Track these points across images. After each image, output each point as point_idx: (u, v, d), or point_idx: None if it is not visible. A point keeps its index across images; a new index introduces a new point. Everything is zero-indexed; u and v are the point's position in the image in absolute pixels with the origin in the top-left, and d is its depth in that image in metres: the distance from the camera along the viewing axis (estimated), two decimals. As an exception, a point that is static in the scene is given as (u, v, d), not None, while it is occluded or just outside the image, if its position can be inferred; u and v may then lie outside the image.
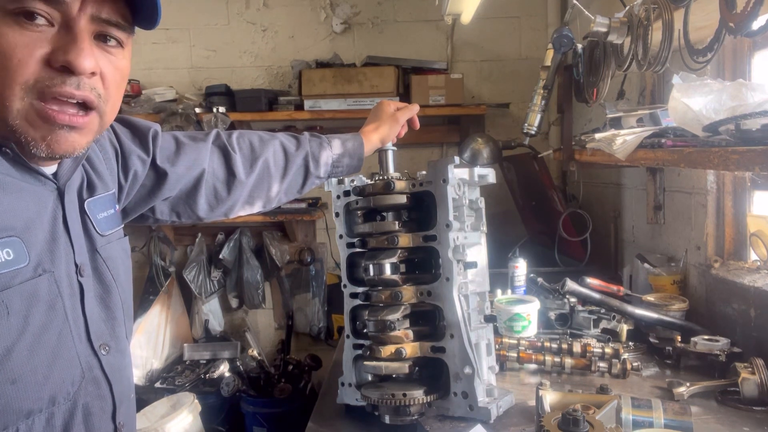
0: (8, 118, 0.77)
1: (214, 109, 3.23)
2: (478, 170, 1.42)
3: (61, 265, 0.86)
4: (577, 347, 1.62)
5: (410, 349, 1.31)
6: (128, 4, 0.84)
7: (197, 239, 3.59)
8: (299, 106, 3.32)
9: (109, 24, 0.82)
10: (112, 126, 1.13)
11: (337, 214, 1.45)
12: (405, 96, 3.32)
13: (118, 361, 0.96)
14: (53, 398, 0.82)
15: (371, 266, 1.34)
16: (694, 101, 1.31)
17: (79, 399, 0.86)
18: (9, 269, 0.78)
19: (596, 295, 1.85)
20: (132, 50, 0.92)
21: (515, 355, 1.64)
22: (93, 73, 0.81)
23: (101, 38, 0.83)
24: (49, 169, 0.89)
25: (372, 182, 1.40)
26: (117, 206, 1.08)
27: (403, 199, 1.36)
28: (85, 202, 0.97)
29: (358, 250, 1.42)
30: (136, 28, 0.90)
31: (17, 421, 0.78)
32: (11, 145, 0.80)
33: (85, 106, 0.81)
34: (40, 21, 0.76)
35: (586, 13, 1.75)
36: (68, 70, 0.78)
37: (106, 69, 0.84)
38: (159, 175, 1.20)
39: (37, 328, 0.80)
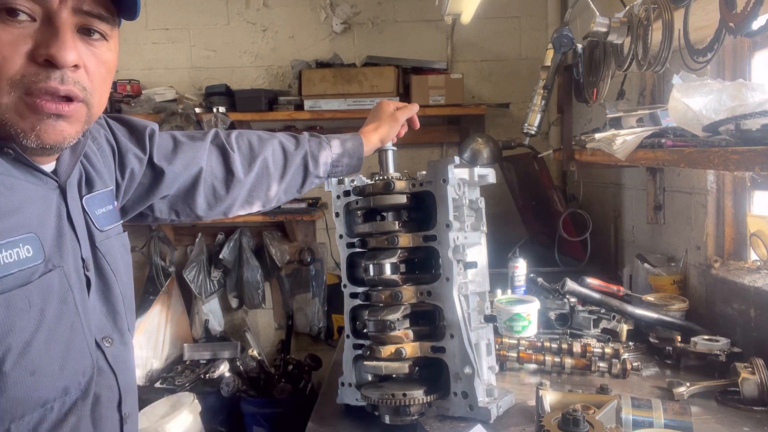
0: None
1: (214, 109, 3.23)
2: (478, 170, 1.42)
3: (69, 259, 0.88)
4: (577, 347, 1.62)
5: (410, 349, 1.31)
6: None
7: (197, 239, 3.59)
8: (299, 106, 3.32)
9: (91, 16, 0.83)
10: (108, 125, 1.15)
11: (337, 214, 1.45)
12: (405, 96, 3.32)
13: (122, 353, 0.98)
14: (66, 388, 0.85)
15: (371, 266, 1.34)
16: (694, 101, 1.31)
17: (90, 389, 0.89)
18: (30, 265, 0.80)
19: (596, 295, 1.85)
20: (132, 50, 0.93)
21: (515, 355, 1.64)
22: (76, 66, 0.82)
23: (85, 32, 0.83)
24: (49, 166, 0.91)
25: (372, 182, 1.40)
26: (115, 202, 1.09)
27: (403, 199, 1.36)
28: (84, 199, 0.98)
29: (358, 250, 1.42)
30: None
31: (33, 410, 0.80)
32: (12, 145, 0.82)
33: (69, 99, 0.82)
34: (22, 17, 0.77)
35: (592, 6, 1.75)
36: (51, 64, 0.79)
37: (90, 62, 0.84)
38: (156, 173, 1.20)
39: (52, 321, 0.83)
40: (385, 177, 1.41)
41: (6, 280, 0.77)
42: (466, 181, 1.39)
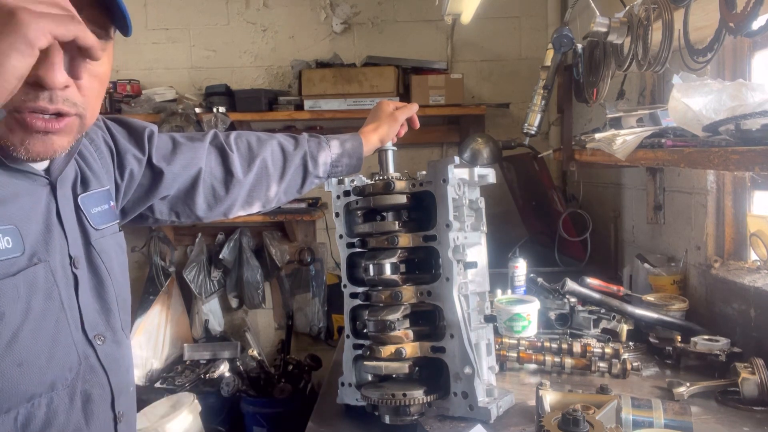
0: None
1: (214, 109, 3.23)
2: (478, 170, 1.42)
3: (55, 255, 0.89)
4: (577, 347, 1.62)
5: (410, 349, 1.31)
6: (105, 12, 0.85)
7: (197, 239, 3.59)
8: (299, 106, 3.32)
9: None
10: (107, 126, 1.15)
11: (337, 214, 1.45)
12: (405, 96, 3.32)
13: (114, 352, 0.98)
14: (53, 383, 0.85)
15: (371, 266, 1.34)
16: (694, 101, 1.31)
17: (77, 386, 0.89)
18: (7, 257, 0.81)
19: (596, 295, 1.85)
20: (132, 50, 0.93)
21: (515, 355, 1.64)
22: (67, 86, 0.81)
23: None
24: (41, 164, 0.91)
25: (372, 182, 1.40)
26: (112, 202, 1.09)
27: (403, 199, 1.36)
28: (79, 197, 0.99)
29: (358, 250, 1.42)
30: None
31: (19, 405, 0.81)
32: None
33: (59, 115, 0.82)
34: None
35: (592, 6, 1.75)
36: (40, 85, 0.78)
37: (83, 78, 0.83)
38: (155, 174, 1.21)
39: (38, 315, 0.83)
40: (385, 177, 1.41)
41: None
42: (466, 181, 1.39)
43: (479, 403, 1.28)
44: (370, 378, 1.41)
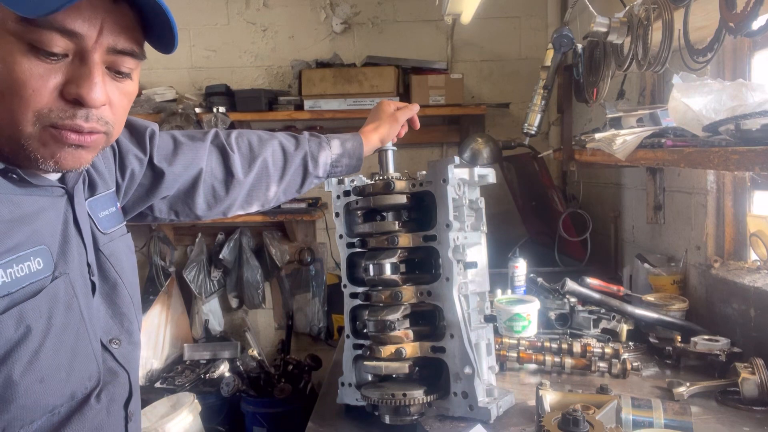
0: (20, 139, 0.79)
1: (214, 109, 3.23)
2: (478, 170, 1.42)
3: (74, 266, 0.88)
4: (577, 347, 1.62)
5: (410, 349, 1.31)
6: (144, 31, 0.84)
7: (197, 239, 3.59)
8: (299, 106, 3.32)
9: (124, 53, 0.82)
10: None
11: (337, 214, 1.45)
12: (405, 96, 3.32)
13: (131, 352, 0.99)
14: (73, 394, 0.85)
15: (371, 266, 1.34)
16: (694, 101, 1.31)
17: (93, 393, 0.89)
18: (40, 278, 0.80)
19: (596, 295, 1.85)
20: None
21: (515, 355, 1.64)
22: (103, 104, 0.82)
23: (113, 68, 0.83)
24: (55, 174, 0.90)
25: (372, 182, 1.40)
26: (118, 204, 1.09)
27: (403, 199, 1.36)
28: (86, 202, 0.98)
29: (358, 250, 1.42)
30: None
31: (41, 416, 0.81)
32: (17, 171, 0.82)
33: (91, 132, 0.83)
34: (56, 51, 0.77)
35: (590, 8, 1.75)
36: (79, 103, 0.79)
37: (115, 97, 0.84)
38: (156, 175, 1.21)
39: (59, 329, 0.83)
40: (385, 177, 1.40)
41: (18, 293, 0.77)
42: (466, 181, 1.39)
43: (479, 403, 1.28)
44: (370, 378, 1.41)
